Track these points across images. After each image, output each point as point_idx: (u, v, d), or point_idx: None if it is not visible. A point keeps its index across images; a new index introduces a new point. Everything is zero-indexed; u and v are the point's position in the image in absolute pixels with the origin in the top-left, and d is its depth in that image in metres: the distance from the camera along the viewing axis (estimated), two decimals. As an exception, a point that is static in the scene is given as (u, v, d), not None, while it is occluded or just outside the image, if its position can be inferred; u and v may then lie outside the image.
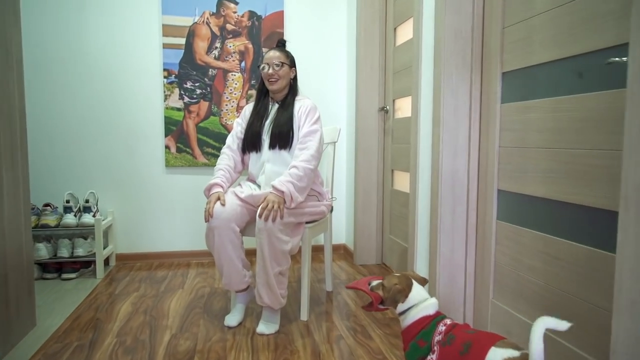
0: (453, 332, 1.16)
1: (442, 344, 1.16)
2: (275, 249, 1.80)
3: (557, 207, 1.38)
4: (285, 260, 1.85)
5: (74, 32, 2.81)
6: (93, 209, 2.73)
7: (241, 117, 2.16)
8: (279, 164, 2.00)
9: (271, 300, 1.87)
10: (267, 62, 2.01)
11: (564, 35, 1.33)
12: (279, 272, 1.85)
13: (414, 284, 1.31)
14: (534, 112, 1.47)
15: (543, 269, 1.43)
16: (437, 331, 1.19)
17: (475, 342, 1.09)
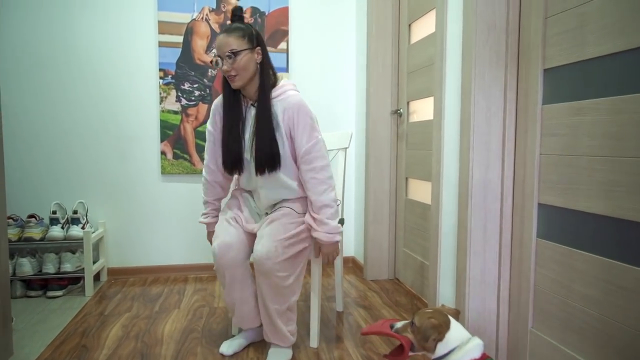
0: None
1: None
2: (276, 287, 1.59)
3: (619, 226, 1.17)
4: (289, 294, 1.63)
5: (61, 28, 2.61)
6: (82, 221, 2.51)
7: (211, 123, 1.74)
8: (275, 188, 1.70)
9: (278, 338, 1.66)
10: (219, 55, 1.56)
11: (626, 22, 1.13)
12: (286, 309, 1.64)
13: (452, 321, 1.09)
14: (586, 114, 1.26)
15: (600, 298, 1.22)
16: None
17: None
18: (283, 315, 1.63)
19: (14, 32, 2.57)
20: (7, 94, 2.58)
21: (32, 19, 2.57)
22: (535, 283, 1.48)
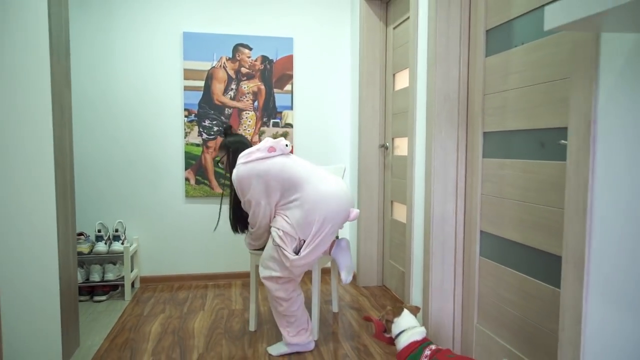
0: (437, 356, 1.45)
1: None
2: (269, 294, 2.14)
3: (528, 251, 1.67)
4: (276, 305, 2.13)
5: (104, 76, 3.13)
6: (121, 237, 3.02)
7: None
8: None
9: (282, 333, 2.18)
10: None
11: (531, 110, 1.63)
12: (278, 312, 2.15)
13: (405, 312, 1.59)
14: (508, 169, 1.76)
15: (519, 303, 1.72)
16: (424, 355, 1.48)
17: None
18: (278, 317, 2.16)
19: (65, 80, 3.09)
20: (59, 131, 3.10)
21: (84, 66, 3.10)
22: (478, 290, 1.97)
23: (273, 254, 2.08)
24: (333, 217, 2.05)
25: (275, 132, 3.36)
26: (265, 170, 2.08)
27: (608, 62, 1.12)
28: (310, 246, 2.03)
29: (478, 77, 1.94)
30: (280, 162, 2.11)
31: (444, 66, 2.03)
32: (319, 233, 2.03)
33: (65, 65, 2.12)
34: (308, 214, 2.03)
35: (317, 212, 2.02)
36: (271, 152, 2.14)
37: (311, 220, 2.02)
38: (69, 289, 2.15)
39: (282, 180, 2.08)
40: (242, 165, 2.12)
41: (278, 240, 2.05)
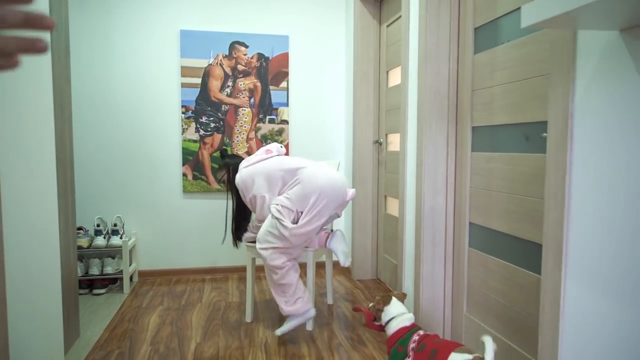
0: (424, 341, 1.51)
1: (415, 350, 1.51)
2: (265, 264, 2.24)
3: (513, 241, 1.74)
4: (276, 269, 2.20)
5: (103, 74, 3.18)
6: (120, 232, 3.07)
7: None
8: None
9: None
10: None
11: (515, 105, 1.70)
12: (273, 282, 2.23)
13: (393, 299, 1.66)
14: (495, 162, 1.83)
15: (505, 291, 1.79)
16: (412, 340, 1.54)
17: (440, 349, 1.43)
18: (276, 288, 2.24)
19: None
20: (58, 128, 3.15)
21: (85, 65, 3.14)
22: (468, 280, 2.04)
23: (270, 230, 2.19)
24: (328, 194, 2.19)
25: (271, 128, 3.42)
26: (266, 167, 2.31)
27: (584, 59, 1.18)
28: (307, 216, 2.16)
29: (467, 74, 2.01)
30: (279, 159, 2.36)
31: (434, 63, 2.09)
32: (316, 205, 2.17)
33: (65, 62, 2.17)
34: (305, 188, 2.20)
35: (314, 187, 2.18)
36: (268, 153, 2.39)
37: (308, 193, 2.18)
38: (70, 282, 2.20)
39: (283, 172, 2.28)
40: (244, 169, 2.35)
41: (277, 213, 2.17)
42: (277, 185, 2.28)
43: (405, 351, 1.54)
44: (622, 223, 1.08)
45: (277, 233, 2.17)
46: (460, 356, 1.36)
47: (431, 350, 1.45)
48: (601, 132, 1.14)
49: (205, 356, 2.09)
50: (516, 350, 1.70)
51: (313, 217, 2.16)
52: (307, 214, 2.16)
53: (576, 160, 1.22)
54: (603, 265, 1.13)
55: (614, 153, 1.10)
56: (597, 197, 1.15)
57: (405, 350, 1.54)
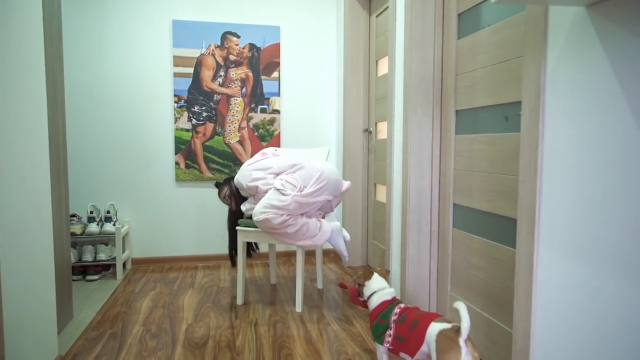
0: (405, 313, 1.56)
1: (397, 322, 1.56)
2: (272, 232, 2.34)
3: (493, 218, 1.79)
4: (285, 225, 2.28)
5: (97, 63, 3.21)
6: (113, 219, 3.11)
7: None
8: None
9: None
10: None
11: (495, 87, 1.75)
12: (290, 235, 2.33)
13: (375, 275, 1.72)
14: (477, 143, 1.88)
15: (485, 267, 1.84)
16: (393, 312, 1.59)
17: (421, 320, 1.48)
18: (296, 238, 2.35)
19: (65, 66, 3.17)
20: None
21: (76, 57, 3.17)
22: (452, 260, 2.10)
23: (270, 200, 2.27)
24: (330, 176, 2.33)
25: (263, 118, 3.47)
26: (262, 165, 2.45)
27: (554, 36, 1.24)
28: (312, 187, 2.29)
29: (451, 59, 2.06)
30: (275, 158, 2.50)
31: (419, 50, 2.14)
32: (320, 180, 2.30)
33: (58, 46, 2.20)
34: (308, 170, 2.35)
35: (316, 168, 2.34)
36: (264, 155, 2.53)
37: (311, 172, 2.33)
38: (63, 266, 2.24)
39: (281, 168, 2.42)
40: (244, 168, 2.49)
41: (279, 186, 2.29)
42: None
43: (387, 324, 1.58)
44: (591, 193, 1.13)
45: (277, 203, 2.25)
46: (440, 325, 1.41)
47: (412, 321, 1.50)
48: (570, 106, 1.20)
49: (197, 335, 2.14)
50: (496, 324, 1.76)
51: (317, 189, 2.29)
52: (312, 185, 2.30)
53: (547, 134, 1.27)
54: (574, 234, 1.19)
55: (582, 126, 1.16)
56: (566, 169, 1.21)
57: (387, 323, 1.59)
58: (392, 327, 1.56)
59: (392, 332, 1.54)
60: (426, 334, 1.42)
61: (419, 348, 1.44)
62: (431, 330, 1.42)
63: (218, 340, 2.09)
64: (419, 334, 1.44)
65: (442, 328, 1.39)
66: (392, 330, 1.55)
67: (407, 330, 1.49)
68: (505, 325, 1.71)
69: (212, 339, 2.11)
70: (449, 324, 1.41)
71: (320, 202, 2.32)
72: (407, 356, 1.49)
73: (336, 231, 2.46)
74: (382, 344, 1.58)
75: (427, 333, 1.42)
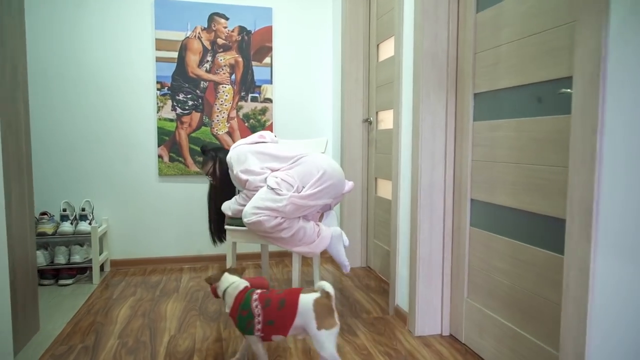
0: (268, 296, 1.56)
1: (263, 307, 1.54)
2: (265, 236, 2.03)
3: (521, 216, 1.56)
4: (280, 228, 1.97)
5: (70, 46, 2.92)
6: (89, 217, 2.83)
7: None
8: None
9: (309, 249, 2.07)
10: None
11: (525, 64, 1.52)
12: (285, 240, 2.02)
13: (225, 275, 1.68)
14: (501, 130, 1.65)
15: (510, 271, 1.61)
16: (253, 299, 1.56)
17: (287, 297, 1.52)
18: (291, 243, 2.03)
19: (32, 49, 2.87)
20: (19, 104, 2.88)
21: (48, 39, 2.87)
22: (468, 262, 1.87)
23: (263, 201, 1.96)
24: (331, 175, 2.03)
25: (254, 107, 3.20)
26: (261, 149, 2.14)
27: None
28: (312, 189, 1.98)
29: (468, 35, 1.82)
30: (274, 146, 2.20)
31: (432, 26, 1.90)
32: (321, 181, 2.00)
33: (18, 17, 1.91)
34: (309, 166, 2.04)
35: (318, 166, 2.03)
36: (262, 139, 2.23)
37: (311, 170, 2.03)
38: (26, 271, 1.97)
39: (279, 159, 2.11)
40: (239, 146, 2.16)
41: (274, 184, 1.98)
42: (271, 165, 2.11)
43: (250, 313, 1.55)
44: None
45: (270, 204, 1.94)
46: (311, 295, 1.51)
47: (278, 302, 1.53)
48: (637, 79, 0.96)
49: (180, 350, 1.88)
50: (524, 336, 1.53)
51: (317, 192, 1.99)
52: (312, 187, 1.99)
53: (608, 115, 1.04)
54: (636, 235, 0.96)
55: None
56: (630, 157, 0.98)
57: (250, 312, 1.55)
58: (259, 314, 1.54)
59: (261, 319, 1.54)
60: (299, 307, 1.50)
61: (292, 324, 1.50)
62: (304, 301, 1.50)
63: (204, 355, 1.83)
64: (290, 311, 1.50)
65: (315, 297, 1.51)
66: (260, 317, 1.54)
67: (276, 311, 1.52)
68: (535, 338, 1.49)
69: (198, 353, 1.85)
70: (317, 292, 1.52)
71: (319, 206, 2.04)
72: (279, 337, 1.54)
73: (336, 237, 2.11)
74: (253, 333, 1.56)
75: (299, 306, 1.50)
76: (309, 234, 2.02)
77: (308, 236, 2.02)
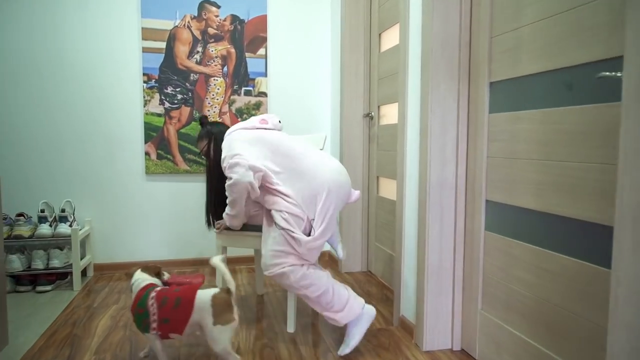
0: (165, 294, 1.52)
1: (159, 306, 1.51)
2: (291, 289, 1.82)
3: (548, 220, 1.37)
4: (308, 286, 1.75)
5: (48, 33, 2.71)
6: (69, 219, 2.63)
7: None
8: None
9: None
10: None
11: (553, 46, 1.33)
12: (311, 300, 1.78)
13: (137, 271, 1.66)
14: (522, 123, 1.46)
15: (534, 282, 1.43)
16: (149, 297, 1.53)
17: (183, 295, 1.50)
18: (318, 305, 1.78)
19: (3, 37, 2.66)
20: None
21: (22, 25, 2.67)
22: (483, 269, 1.68)
23: (278, 246, 1.75)
24: (337, 190, 1.80)
25: (248, 101, 3.00)
26: (260, 137, 1.89)
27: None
28: (322, 225, 1.75)
29: (483, 17, 1.63)
30: (276, 134, 1.93)
31: (442, 7, 1.71)
32: (326, 207, 1.77)
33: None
34: (311, 185, 1.78)
35: (321, 183, 1.78)
36: (263, 123, 1.98)
37: (315, 192, 1.78)
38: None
39: (280, 153, 1.85)
40: (236, 132, 1.94)
41: (283, 223, 1.74)
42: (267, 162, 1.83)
43: (146, 312, 1.52)
44: None
45: (288, 249, 1.74)
46: (209, 291, 1.51)
47: (174, 300, 1.50)
48: None
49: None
50: (550, 356, 1.34)
51: (327, 224, 1.77)
52: (321, 221, 1.76)
53: (669, 96, 0.85)
54: None
55: None
56: None
57: (145, 311, 1.52)
58: (154, 313, 1.51)
59: (157, 317, 1.51)
60: (195, 304, 1.49)
61: (187, 323, 1.49)
62: (202, 298, 1.49)
63: (189, 374, 1.64)
64: (185, 309, 1.49)
65: (213, 293, 1.51)
66: (155, 316, 1.51)
67: (171, 310, 1.50)
68: (563, 357, 1.30)
69: (182, 372, 1.66)
70: (216, 287, 1.53)
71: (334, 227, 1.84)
72: (176, 335, 1.53)
73: (368, 317, 1.81)
74: (149, 332, 1.54)
75: (196, 302, 1.49)
76: (337, 300, 1.76)
77: (336, 302, 1.76)
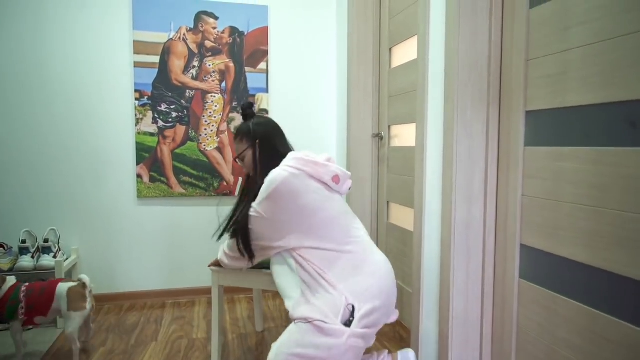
0: (32, 287, 1.88)
1: (26, 296, 1.85)
2: None
3: (602, 277, 1.17)
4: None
5: (32, 46, 2.51)
6: (54, 249, 2.41)
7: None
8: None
9: None
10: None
11: (611, 75, 1.13)
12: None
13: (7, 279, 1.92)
14: (568, 161, 1.26)
15: (585, 348, 1.22)
16: (21, 290, 1.87)
17: (47, 286, 1.88)
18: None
19: (-21, 52, 2.46)
20: (-27, 117, 2.46)
21: (4, 36, 2.47)
22: (518, 324, 1.47)
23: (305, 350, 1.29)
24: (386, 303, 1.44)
25: (248, 119, 2.80)
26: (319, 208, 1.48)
27: None
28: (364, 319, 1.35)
29: (518, 36, 1.43)
30: (339, 204, 1.54)
31: (470, 23, 1.51)
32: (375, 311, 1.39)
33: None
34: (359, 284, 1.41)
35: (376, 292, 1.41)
36: (335, 182, 1.55)
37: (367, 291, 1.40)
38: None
39: (332, 227, 1.48)
40: (295, 171, 1.47)
41: (317, 314, 1.32)
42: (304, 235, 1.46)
43: (17, 302, 1.83)
44: None
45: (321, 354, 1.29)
46: (67, 284, 1.90)
47: (39, 290, 1.87)
48: None
49: None
50: None
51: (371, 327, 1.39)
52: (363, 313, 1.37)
53: None
54: None
55: None
56: None
57: (17, 302, 1.83)
58: (22, 301, 1.83)
59: (24, 305, 1.83)
60: (56, 293, 1.86)
61: (51, 306, 1.86)
62: (60, 289, 1.87)
63: None
64: (48, 295, 1.86)
65: (70, 285, 1.89)
66: (23, 302, 1.83)
67: (37, 297, 1.85)
68: None
69: None
70: (75, 282, 1.91)
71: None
72: (42, 318, 1.87)
73: None
74: (17, 318, 1.83)
75: (56, 292, 1.86)
76: None
77: None
